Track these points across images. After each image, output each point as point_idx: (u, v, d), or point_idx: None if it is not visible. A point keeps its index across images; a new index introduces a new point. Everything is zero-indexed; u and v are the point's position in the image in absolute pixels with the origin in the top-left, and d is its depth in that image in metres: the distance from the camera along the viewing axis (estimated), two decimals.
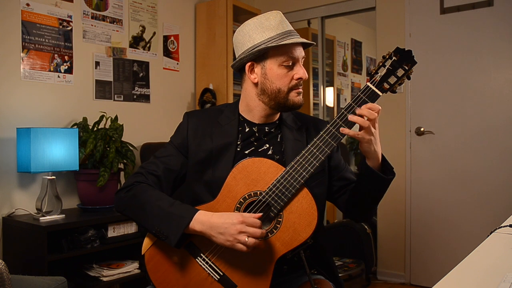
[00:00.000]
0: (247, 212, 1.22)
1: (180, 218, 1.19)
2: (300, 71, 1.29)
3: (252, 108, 1.35)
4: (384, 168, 1.27)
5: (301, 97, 1.33)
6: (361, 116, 1.18)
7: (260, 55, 1.28)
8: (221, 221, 1.16)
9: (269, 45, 1.25)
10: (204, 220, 1.18)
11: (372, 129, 1.19)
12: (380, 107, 1.20)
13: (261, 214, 1.18)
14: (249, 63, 1.31)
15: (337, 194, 1.40)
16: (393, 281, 3.28)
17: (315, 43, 1.35)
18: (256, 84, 1.32)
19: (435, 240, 3.12)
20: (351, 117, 1.18)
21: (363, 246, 3.22)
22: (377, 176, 1.24)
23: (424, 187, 3.18)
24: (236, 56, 1.35)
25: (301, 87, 1.32)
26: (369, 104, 1.19)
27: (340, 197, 1.40)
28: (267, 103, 1.32)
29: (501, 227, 1.26)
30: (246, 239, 1.13)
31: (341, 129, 1.19)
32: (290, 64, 1.28)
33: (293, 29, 1.31)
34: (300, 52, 1.30)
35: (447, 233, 3.07)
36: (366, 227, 3.30)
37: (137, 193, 1.28)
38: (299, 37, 1.29)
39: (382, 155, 1.27)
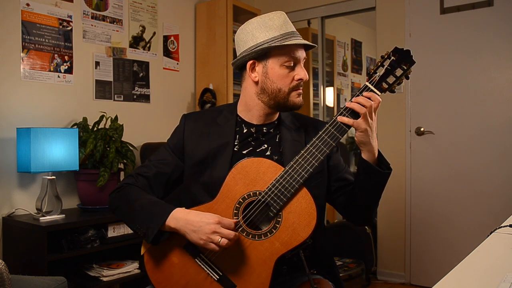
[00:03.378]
0: (246, 212, 1.22)
1: (157, 216, 1.22)
2: (301, 72, 1.29)
3: (251, 107, 1.35)
4: (381, 164, 1.27)
5: (301, 98, 1.33)
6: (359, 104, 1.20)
7: (262, 54, 1.28)
8: (196, 219, 1.18)
9: (272, 44, 1.25)
10: (179, 217, 1.20)
11: (369, 119, 1.19)
12: (380, 99, 1.21)
13: (236, 220, 1.20)
14: (250, 61, 1.31)
15: (335, 195, 1.39)
16: (393, 281, 3.28)
17: (316, 46, 1.36)
18: (256, 83, 1.32)
19: (435, 240, 3.12)
20: (348, 104, 1.20)
21: (363, 246, 3.22)
22: (373, 169, 1.24)
23: (424, 187, 3.18)
24: (237, 54, 1.35)
25: (301, 88, 1.33)
26: (368, 93, 1.21)
27: (338, 198, 1.39)
28: (267, 103, 1.32)
29: (501, 227, 1.26)
30: (219, 239, 1.15)
31: (338, 117, 1.20)
32: (292, 64, 1.28)
33: (295, 30, 1.31)
34: (301, 54, 1.30)
35: (447, 233, 3.07)
36: (366, 227, 3.30)
37: (125, 193, 1.32)
38: (301, 38, 1.30)
39: (379, 152, 1.27)
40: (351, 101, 1.21)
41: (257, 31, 1.28)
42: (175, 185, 1.40)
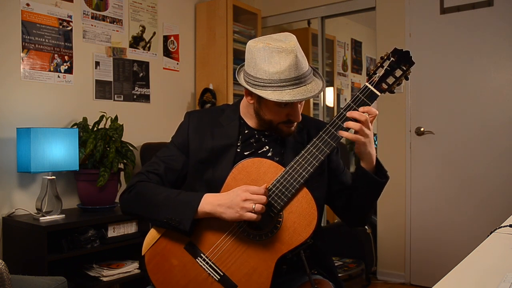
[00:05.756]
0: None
1: (190, 203, 1.22)
2: (294, 114, 1.26)
3: (251, 116, 1.36)
4: (378, 171, 1.28)
5: (292, 128, 1.31)
6: (354, 119, 1.19)
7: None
8: (226, 196, 1.19)
9: (267, 96, 1.18)
10: (212, 200, 1.21)
11: (366, 131, 1.19)
12: (376, 112, 1.21)
13: (266, 184, 1.20)
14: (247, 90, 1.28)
15: (334, 197, 1.39)
16: (393, 281, 3.28)
17: (316, 96, 1.26)
18: (252, 104, 1.31)
19: (435, 240, 3.12)
20: (346, 124, 1.19)
21: (363, 246, 3.22)
22: (370, 178, 1.25)
23: (424, 187, 3.18)
24: (245, 63, 1.29)
25: (293, 123, 1.30)
26: (366, 108, 1.20)
27: (336, 200, 1.40)
28: (260, 123, 1.33)
29: (501, 227, 1.26)
30: (253, 206, 1.14)
31: (339, 132, 1.20)
32: (287, 104, 1.24)
33: (302, 73, 1.20)
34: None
35: (447, 233, 3.07)
36: (366, 227, 3.30)
37: (141, 190, 1.30)
38: (305, 84, 1.20)
39: (377, 159, 1.28)
40: (349, 111, 1.20)
41: (260, 62, 1.19)
42: (183, 182, 1.39)
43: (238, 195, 1.17)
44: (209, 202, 1.20)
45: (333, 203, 1.41)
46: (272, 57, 1.18)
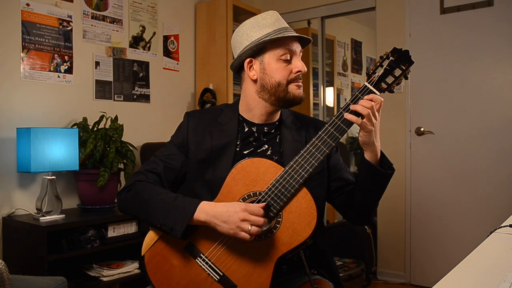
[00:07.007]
0: None
1: (185, 210, 1.20)
2: (298, 64, 1.30)
3: (252, 107, 1.35)
4: (383, 164, 1.27)
5: (301, 91, 1.33)
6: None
7: (258, 50, 1.30)
8: (224, 209, 1.17)
9: (267, 39, 1.27)
10: (207, 209, 1.19)
11: (373, 119, 1.18)
12: (382, 99, 1.21)
13: (264, 204, 1.18)
14: (247, 60, 1.32)
15: (335, 194, 1.39)
16: (393, 281, 3.28)
17: (311, 39, 1.36)
18: (255, 81, 1.32)
19: (435, 240, 3.12)
20: (352, 106, 1.19)
21: (363, 246, 3.22)
22: (375, 170, 1.23)
23: (424, 187, 3.18)
24: (234, 57, 1.36)
25: (300, 80, 1.33)
26: (370, 95, 1.20)
27: (337, 198, 1.39)
28: (268, 100, 1.32)
29: (501, 227, 1.26)
30: (250, 227, 1.14)
31: (345, 114, 1.19)
32: (288, 57, 1.29)
33: (289, 26, 1.34)
34: (297, 46, 1.32)
35: (447, 233, 3.07)
36: (366, 227, 3.30)
37: (139, 190, 1.30)
38: (295, 33, 1.32)
39: (381, 152, 1.26)
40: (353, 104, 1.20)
41: (251, 31, 1.31)
42: (182, 181, 1.39)
43: (236, 212, 1.15)
44: (204, 211, 1.19)
45: (333, 201, 1.40)
46: (258, 23, 1.31)
